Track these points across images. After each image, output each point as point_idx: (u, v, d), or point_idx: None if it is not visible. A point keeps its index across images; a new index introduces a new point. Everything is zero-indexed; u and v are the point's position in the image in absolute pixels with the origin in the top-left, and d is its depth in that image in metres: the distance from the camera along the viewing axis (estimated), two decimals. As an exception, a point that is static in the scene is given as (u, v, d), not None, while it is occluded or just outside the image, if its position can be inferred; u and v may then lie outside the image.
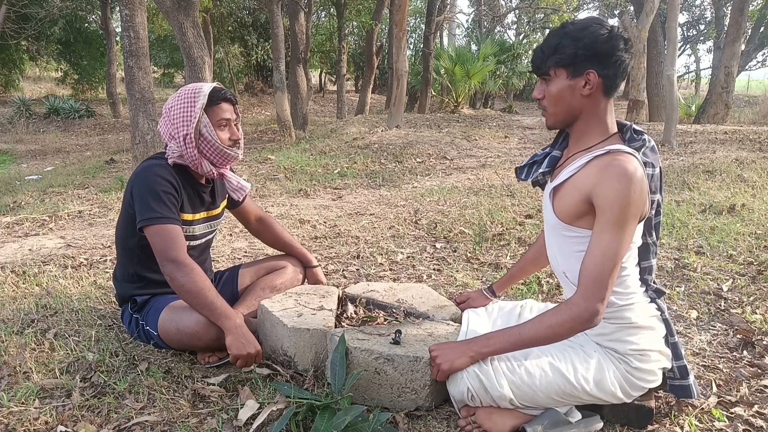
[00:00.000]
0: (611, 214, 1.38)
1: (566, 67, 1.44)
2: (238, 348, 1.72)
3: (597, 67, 1.42)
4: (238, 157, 1.99)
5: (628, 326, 1.53)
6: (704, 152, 6.58)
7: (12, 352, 1.90)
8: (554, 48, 1.44)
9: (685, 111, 12.99)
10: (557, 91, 1.47)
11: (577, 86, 1.45)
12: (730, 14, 11.19)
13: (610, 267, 1.39)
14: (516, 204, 4.43)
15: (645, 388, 1.54)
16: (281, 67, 9.77)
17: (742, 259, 3.01)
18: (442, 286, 2.71)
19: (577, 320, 1.42)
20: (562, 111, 1.49)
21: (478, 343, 1.55)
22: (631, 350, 1.52)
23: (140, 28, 5.62)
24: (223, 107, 1.92)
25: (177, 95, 1.92)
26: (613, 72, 1.43)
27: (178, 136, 1.87)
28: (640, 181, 1.39)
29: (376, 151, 7.24)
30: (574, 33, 1.42)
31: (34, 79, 21.79)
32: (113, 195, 5.04)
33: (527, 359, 1.54)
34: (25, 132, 12.38)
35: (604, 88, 1.45)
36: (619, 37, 1.42)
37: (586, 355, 1.55)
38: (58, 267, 2.92)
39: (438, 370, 1.56)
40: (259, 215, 2.32)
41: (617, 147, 1.44)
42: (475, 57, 13.75)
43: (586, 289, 1.41)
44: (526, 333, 1.49)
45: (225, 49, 17.64)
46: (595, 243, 1.41)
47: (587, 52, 1.41)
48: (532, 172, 1.68)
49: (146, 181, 1.85)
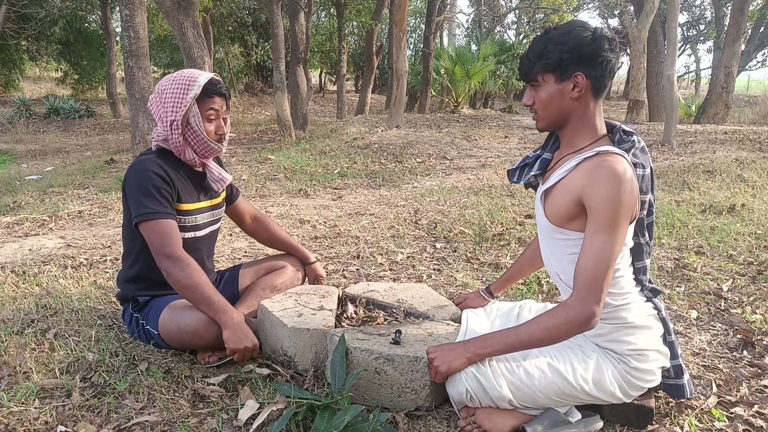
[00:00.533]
0: (603, 216, 1.39)
1: (553, 71, 1.46)
2: (235, 342, 1.73)
3: (584, 69, 1.44)
4: (221, 150, 1.99)
5: (625, 326, 1.53)
6: (704, 152, 6.58)
7: (12, 352, 1.90)
8: (540, 54, 1.46)
9: (685, 111, 12.99)
10: (547, 96, 1.48)
11: (565, 89, 1.46)
12: (730, 14, 11.18)
13: (605, 269, 1.40)
14: (516, 204, 4.43)
15: (644, 387, 1.54)
16: (281, 67, 9.77)
17: (742, 259, 3.01)
18: (442, 286, 2.71)
19: (574, 323, 1.42)
20: (553, 114, 1.51)
21: (475, 345, 1.55)
22: (629, 350, 1.52)
23: (140, 28, 5.63)
24: (216, 101, 1.91)
25: (172, 78, 1.90)
26: (600, 72, 1.45)
27: (166, 120, 1.87)
28: (630, 182, 1.39)
29: (376, 151, 7.24)
30: (558, 38, 1.45)
31: (34, 79, 21.80)
32: (113, 195, 5.04)
33: (526, 360, 1.54)
34: (25, 132, 12.38)
35: (593, 90, 1.47)
36: (603, 38, 1.43)
37: (584, 355, 1.55)
38: (58, 267, 2.92)
39: (436, 372, 1.56)
40: (254, 214, 2.32)
41: (606, 148, 1.45)
42: (475, 57, 13.74)
43: (582, 291, 1.41)
44: (522, 335, 1.49)
45: (225, 49, 17.65)
46: (588, 245, 1.42)
47: (572, 56, 1.43)
48: (524, 174, 1.68)
49: (136, 178, 1.85)
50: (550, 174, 1.58)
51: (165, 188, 1.86)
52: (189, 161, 1.96)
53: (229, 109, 2.00)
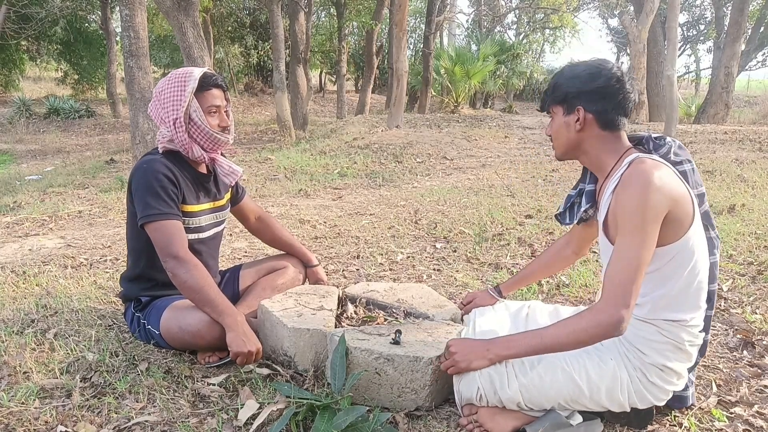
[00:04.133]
0: (630, 220, 1.38)
1: (561, 104, 1.54)
2: (238, 345, 1.72)
3: (584, 103, 1.50)
4: (229, 141, 1.98)
5: (675, 345, 1.49)
6: (704, 152, 6.58)
7: (12, 352, 1.90)
8: (553, 87, 1.56)
9: (685, 111, 12.99)
10: (557, 127, 1.57)
11: (570, 122, 1.53)
12: (730, 14, 11.19)
13: (633, 273, 1.37)
14: (516, 204, 4.44)
15: (653, 403, 1.53)
16: (281, 67, 9.77)
17: (742, 259, 3.01)
18: (442, 286, 2.71)
19: (601, 326, 1.39)
20: (563, 144, 1.58)
21: (498, 346, 1.53)
22: (659, 365, 1.48)
23: (140, 28, 5.63)
24: (214, 93, 1.91)
25: (167, 78, 1.91)
26: (602, 107, 1.48)
27: (168, 119, 1.87)
28: (658, 185, 1.37)
29: (376, 151, 7.24)
30: (568, 72, 1.54)
31: (34, 79, 21.79)
32: (113, 195, 5.04)
33: (540, 363, 1.52)
34: (25, 132, 12.38)
35: (598, 123, 1.50)
36: (611, 76, 1.47)
37: (601, 361, 1.52)
38: (58, 267, 2.92)
39: (453, 365, 1.55)
40: (259, 214, 2.32)
41: (635, 155, 1.47)
42: (475, 57, 13.75)
43: (610, 295, 1.39)
44: (548, 338, 1.46)
45: (225, 49, 17.63)
46: (616, 249, 1.41)
47: (574, 91, 1.51)
48: (574, 213, 1.71)
49: (143, 178, 1.84)
50: (599, 204, 1.60)
51: (172, 189, 1.86)
52: (198, 158, 1.95)
53: (229, 102, 2.00)
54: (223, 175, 2.04)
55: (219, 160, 2.04)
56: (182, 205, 1.92)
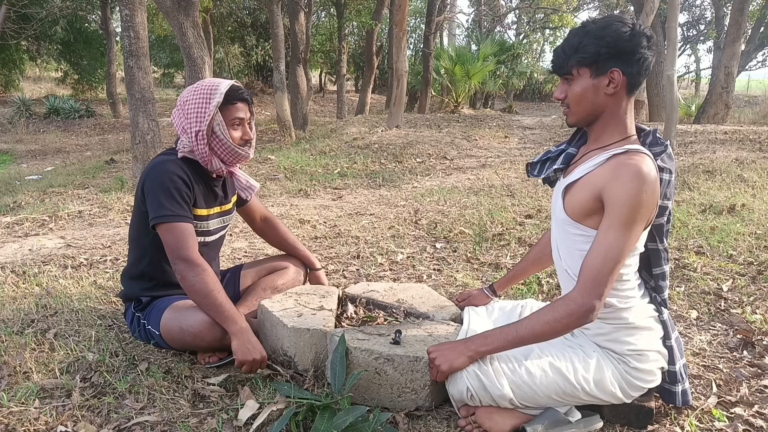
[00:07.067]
0: (620, 213, 1.38)
1: (589, 66, 1.43)
2: (243, 354, 1.72)
3: (621, 65, 1.42)
4: (249, 156, 1.98)
5: (626, 327, 1.53)
6: (704, 152, 6.58)
7: (12, 352, 1.90)
8: (576, 47, 1.43)
9: (685, 111, 12.98)
10: (581, 91, 1.46)
11: (600, 85, 1.44)
12: (730, 14, 11.18)
13: (612, 265, 1.39)
14: (516, 204, 4.44)
15: (644, 388, 1.54)
16: (281, 67, 9.76)
17: (742, 259, 3.01)
18: (442, 286, 2.71)
19: (573, 316, 1.41)
20: (585, 110, 1.49)
21: (475, 342, 1.55)
22: (629, 350, 1.52)
23: (140, 28, 5.62)
24: (239, 107, 1.90)
25: (194, 88, 1.89)
26: (636, 70, 1.43)
27: (190, 131, 1.86)
28: (653, 184, 1.38)
29: (376, 151, 7.24)
30: (596, 31, 1.41)
31: (34, 79, 21.79)
32: (113, 195, 5.03)
33: (527, 359, 1.54)
34: (25, 132, 12.37)
35: (627, 86, 1.45)
36: (642, 35, 1.41)
37: (585, 355, 1.55)
38: (58, 267, 2.92)
39: (437, 371, 1.56)
40: (265, 215, 2.32)
41: (637, 147, 1.44)
42: (475, 57, 13.75)
43: (585, 285, 1.41)
44: (523, 330, 1.49)
45: (225, 49, 17.64)
46: (599, 240, 1.41)
47: (610, 51, 1.41)
48: (545, 168, 1.66)
49: (158, 178, 1.83)
50: (573, 169, 1.56)
51: (186, 191, 1.85)
52: (216, 171, 1.95)
53: (253, 115, 1.99)
54: (240, 189, 2.08)
55: (237, 174, 2.05)
56: (194, 209, 1.92)
